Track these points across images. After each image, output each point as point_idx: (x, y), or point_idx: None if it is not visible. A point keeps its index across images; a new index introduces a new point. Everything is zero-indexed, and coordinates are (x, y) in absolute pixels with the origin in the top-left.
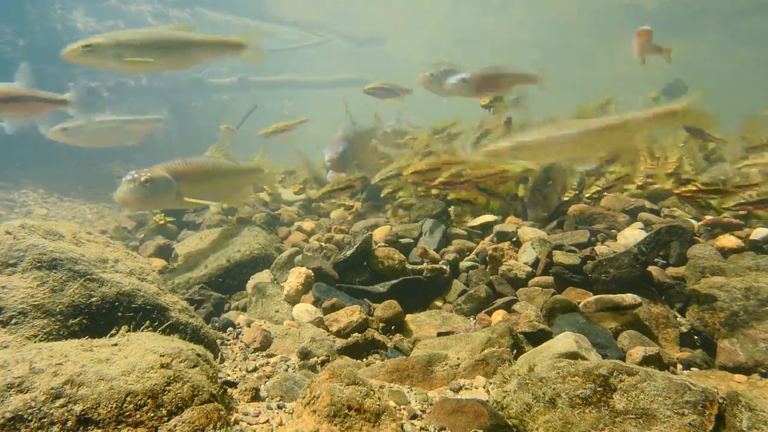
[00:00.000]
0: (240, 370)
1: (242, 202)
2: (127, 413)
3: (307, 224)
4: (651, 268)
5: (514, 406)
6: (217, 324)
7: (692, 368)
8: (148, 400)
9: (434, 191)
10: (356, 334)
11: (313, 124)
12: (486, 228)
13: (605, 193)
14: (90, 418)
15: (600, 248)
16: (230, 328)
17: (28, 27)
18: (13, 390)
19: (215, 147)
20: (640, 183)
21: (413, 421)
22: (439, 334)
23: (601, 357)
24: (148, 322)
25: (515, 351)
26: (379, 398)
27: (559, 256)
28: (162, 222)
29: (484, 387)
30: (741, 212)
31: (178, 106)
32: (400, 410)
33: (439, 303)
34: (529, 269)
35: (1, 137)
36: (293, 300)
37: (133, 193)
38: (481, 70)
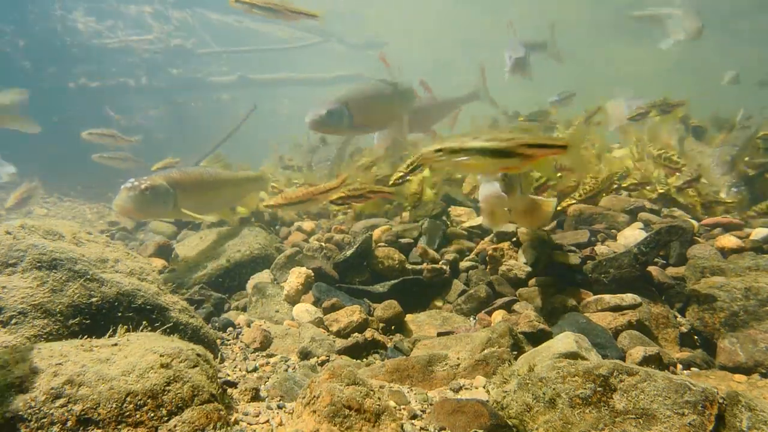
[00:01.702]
0: (240, 370)
1: (233, 216)
2: (127, 413)
3: (307, 224)
4: (651, 268)
5: (514, 406)
6: (217, 324)
7: (692, 368)
8: (148, 400)
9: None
10: (356, 334)
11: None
12: (486, 228)
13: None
14: (90, 418)
15: (600, 248)
16: (230, 328)
17: (28, 27)
18: (13, 390)
19: (212, 158)
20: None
21: (413, 421)
22: (439, 334)
23: (601, 357)
24: (146, 322)
25: (515, 351)
26: (379, 398)
27: (559, 256)
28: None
29: (484, 387)
30: None
31: (178, 105)
32: (400, 410)
33: (439, 303)
34: (529, 269)
35: (0, 137)
36: (293, 300)
37: (133, 201)
38: None
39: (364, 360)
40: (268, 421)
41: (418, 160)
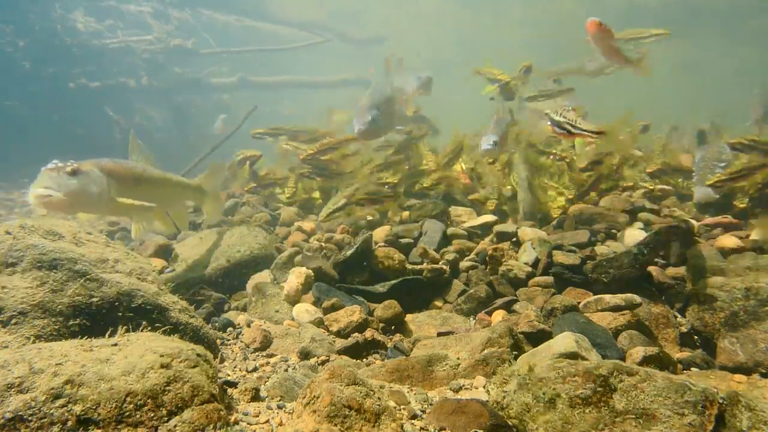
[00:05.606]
0: (240, 370)
1: (175, 226)
2: (127, 413)
3: (307, 224)
4: (651, 268)
5: (514, 407)
6: (217, 324)
7: (692, 368)
8: (148, 400)
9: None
10: (356, 334)
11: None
12: (486, 228)
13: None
14: (90, 418)
15: (600, 248)
16: (230, 328)
17: (28, 27)
18: (13, 390)
19: (137, 153)
20: None
21: (413, 421)
22: (439, 334)
23: (601, 357)
24: (145, 322)
25: (515, 351)
26: (379, 398)
27: (559, 256)
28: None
29: (484, 387)
30: None
31: (178, 105)
32: (400, 410)
33: (439, 303)
34: (529, 269)
35: (0, 137)
36: (293, 300)
37: (59, 187)
38: None
39: (364, 360)
40: (268, 421)
41: None
